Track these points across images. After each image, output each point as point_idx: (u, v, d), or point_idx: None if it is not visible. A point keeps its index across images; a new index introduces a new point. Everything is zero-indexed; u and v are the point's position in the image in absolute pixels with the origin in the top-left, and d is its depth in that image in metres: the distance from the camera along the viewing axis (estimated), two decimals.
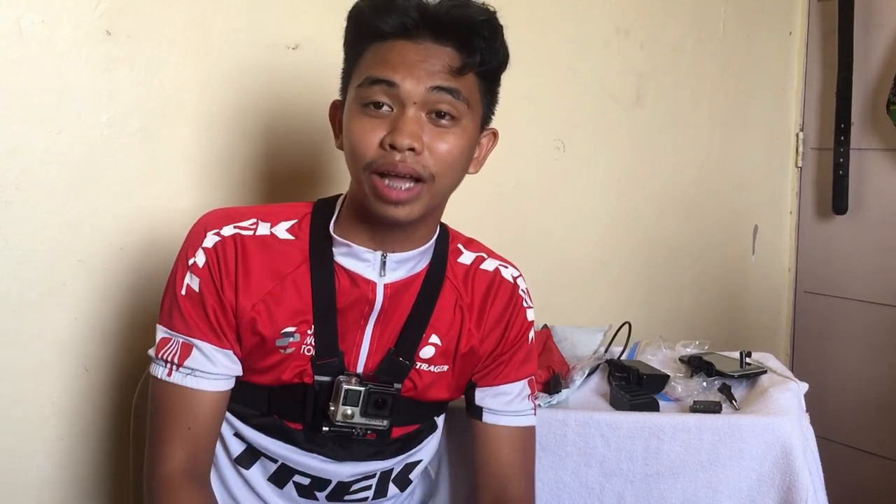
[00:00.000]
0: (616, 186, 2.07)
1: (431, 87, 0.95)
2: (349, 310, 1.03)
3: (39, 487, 1.29)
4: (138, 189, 1.32)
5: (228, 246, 1.01)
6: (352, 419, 1.01)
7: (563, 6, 1.89)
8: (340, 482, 1.08)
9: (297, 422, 1.04)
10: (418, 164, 0.95)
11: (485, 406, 1.14)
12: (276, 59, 1.43)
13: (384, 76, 0.95)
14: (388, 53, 0.96)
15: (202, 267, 1.00)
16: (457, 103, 0.97)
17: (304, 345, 1.02)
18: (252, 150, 1.44)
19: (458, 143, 0.98)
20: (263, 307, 1.01)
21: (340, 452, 1.06)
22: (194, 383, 1.00)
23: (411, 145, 0.94)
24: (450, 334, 1.09)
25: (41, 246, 1.25)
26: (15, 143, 1.21)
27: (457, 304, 1.10)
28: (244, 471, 1.08)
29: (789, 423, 1.27)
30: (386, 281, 1.04)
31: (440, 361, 1.08)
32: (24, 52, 1.20)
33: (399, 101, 0.95)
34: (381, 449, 1.09)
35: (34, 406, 1.27)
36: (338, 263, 1.03)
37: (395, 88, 0.95)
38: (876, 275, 2.38)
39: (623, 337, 1.59)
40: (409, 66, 0.95)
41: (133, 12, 1.28)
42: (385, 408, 1.02)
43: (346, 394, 1.01)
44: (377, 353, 1.06)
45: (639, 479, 1.29)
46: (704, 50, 2.22)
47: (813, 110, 2.51)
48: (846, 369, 2.45)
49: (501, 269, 1.14)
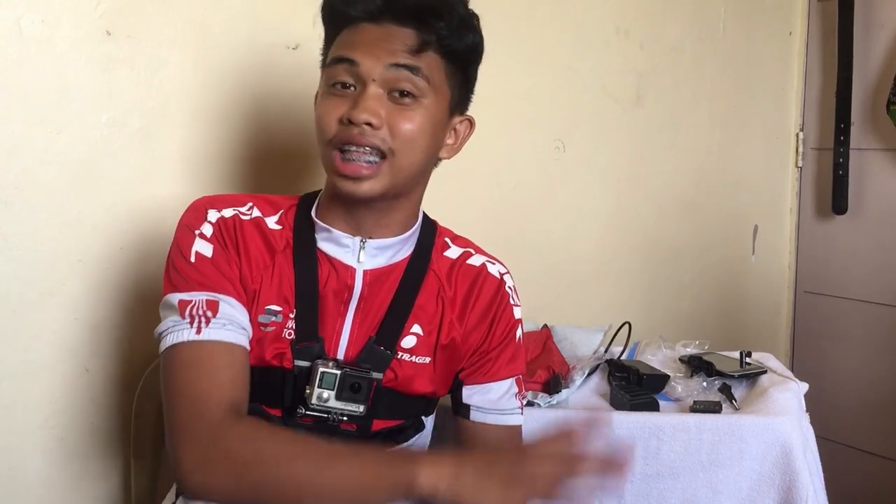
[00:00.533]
0: (616, 186, 2.07)
1: (390, 63, 0.99)
2: (330, 296, 1.05)
3: (40, 487, 1.29)
4: (138, 189, 1.32)
5: (229, 223, 1.04)
6: (327, 403, 1.01)
7: (563, 6, 1.89)
8: None
9: (275, 407, 1.04)
10: (376, 137, 0.98)
11: (472, 404, 1.13)
12: (276, 59, 1.43)
13: (346, 55, 1.00)
14: (352, 35, 1.01)
15: (210, 236, 1.02)
16: (416, 80, 1.00)
17: (285, 328, 1.03)
18: (252, 150, 1.44)
19: (419, 121, 1.00)
20: (260, 280, 1.03)
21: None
22: (230, 336, 0.97)
23: (368, 120, 0.97)
24: (431, 325, 1.09)
25: (41, 246, 1.24)
26: (15, 143, 1.21)
27: (439, 295, 1.10)
28: None
29: (789, 423, 1.27)
30: (365, 267, 1.06)
31: (422, 352, 1.08)
32: (24, 52, 1.20)
33: (360, 79, 0.99)
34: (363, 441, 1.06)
35: (34, 406, 1.27)
36: (320, 249, 1.06)
37: (356, 66, 0.99)
38: (876, 275, 2.38)
39: (623, 337, 1.59)
40: (369, 44, 0.99)
41: (133, 12, 1.28)
42: (360, 392, 1.02)
43: (322, 376, 1.01)
44: (358, 340, 1.06)
45: (639, 479, 1.29)
46: (704, 50, 2.22)
47: (813, 110, 2.51)
48: (846, 369, 2.45)
49: (488, 264, 1.15)
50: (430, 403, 1.15)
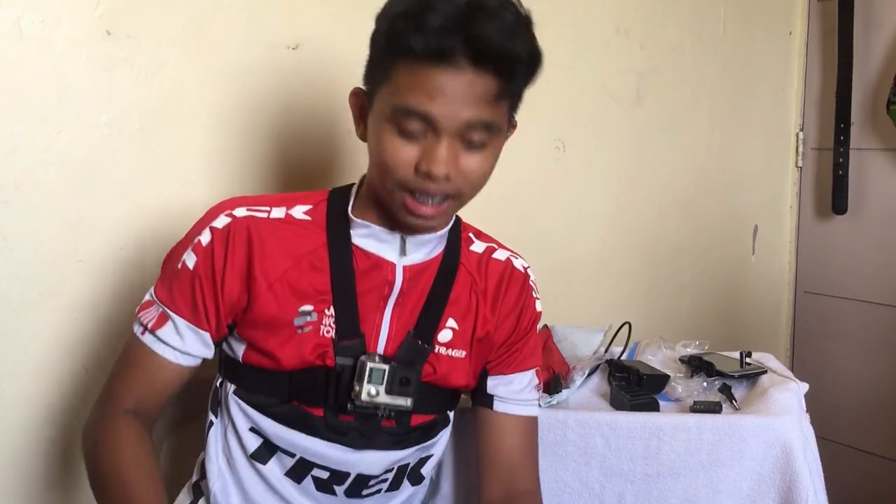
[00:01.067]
0: (616, 186, 2.07)
1: (467, 121, 0.95)
2: (369, 291, 1.05)
3: (39, 487, 1.29)
4: (138, 189, 1.32)
5: (239, 228, 1.02)
6: (376, 398, 1.01)
7: (563, 6, 1.89)
8: (360, 475, 1.08)
9: (318, 406, 1.04)
10: (450, 186, 0.98)
11: (496, 394, 1.16)
12: (276, 59, 1.43)
13: (421, 109, 0.93)
14: (424, 80, 0.92)
15: (205, 246, 1.02)
16: (491, 132, 0.98)
17: (322, 325, 1.03)
18: (252, 150, 1.44)
19: (488, 162, 1.00)
20: (280, 287, 1.02)
21: (361, 441, 1.05)
22: (160, 350, 1.03)
23: (446, 174, 0.95)
24: (466, 319, 1.10)
25: (41, 246, 1.24)
26: (15, 143, 1.21)
27: (472, 289, 1.12)
28: (261, 466, 1.06)
29: (789, 423, 1.27)
30: (406, 262, 1.06)
31: (458, 346, 1.10)
32: (24, 52, 1.20)
33: (434, 129, 0.95)
34: (401, 438, 1.08)
35: (34, 406, 1.27)
36: (356, 245, 1.05)
37: (433, 121, 0.94)
38: (876, 275, 2.38)
39: (623, 337, 1.59)
40: (447, 98, 0.93)
41: (133, 12, 1.28)
42: (409, 386, 1.03)
43: (371, 372, 1.01)
44: (397, 336, 1.06)
45: (639, 479, 1.29)
46: (704, 50, 2.22)
47: (813, 110, 2.51)
48: (846, 369, 2.45)
49: (512, 259, 1.17)
50: (458, 396, 1.16)
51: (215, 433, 1.10)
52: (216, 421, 1.10)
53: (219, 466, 1.09)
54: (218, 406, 1.11)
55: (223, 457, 1.09)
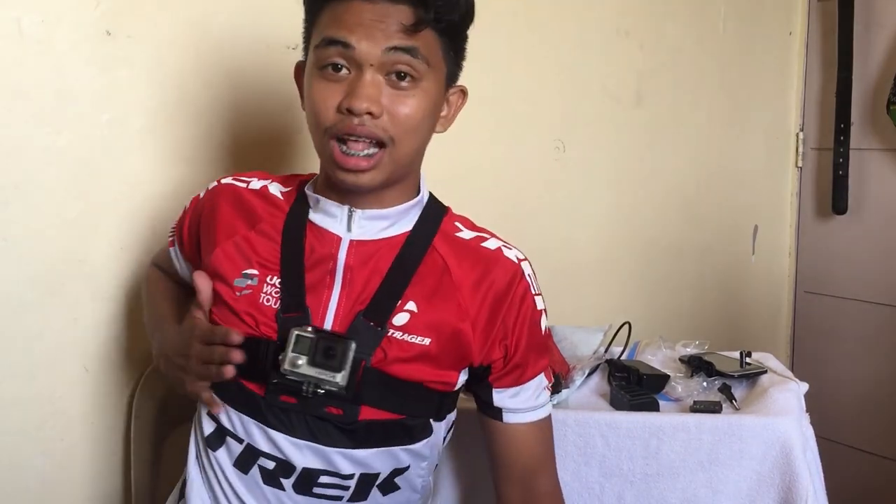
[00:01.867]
0: (616, 186, 2.07)
1: (388, 47, 0.94)
2: (315, 266, 1.03)
3: (39, 488, 1.29)
4: (138, 189, 1.32)
5: (217, 190, 1.12)
6: (299, 369, 0.96)
7: (563, 6, 1.89)
8: (306, 469, 1.01)
9: (255, 380, 1.00)
10: (377, 127, 0.95)
11: (504, 407, 1.09)
12: (276, 59, 1.43)
13: (339, 37, 0.95)
14: (343, 13, 0.95)
15: (197, 200, 1.15)
16: (415, 62, 0.96)
17: (262, 293, 1.02)
18: (252, 150, 1.44)
19: (420, 105, 0.97)
20: (231, 247, 1.05)
21: (306, 432, 1.00)
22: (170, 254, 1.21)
23: (369, 109, 0.94)
24: (432, 304, 1.02)
25: (41, 246, 1.25)
26: (15, 143, 1.21)
27: (444, 274, 1.04)
28: (212, 453, 1.05)
29: (789, 423, 1.27)
30: (353, 237, 1.03)
31: (418, 331, 1.01)
32: (24, 52, 1.20)
33: (356, 63, 0.95)
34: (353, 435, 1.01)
35: (34, 406, 1.27)
36: (310, 221, 1.05)
37: (351, 50, 0.94)
38: (876, 275, 2.38)
39: (623, 337, 1.59)
40: (364, 26, 0.94)
41: (133, 12, 1.28)
42: (334, 358, 0.96)
43: (297, 340, 0.96)
44: (346, 315, 1.01)
45: (639, 478, 1.29)
46: (704, 50, 2.23)
47: (813, 110, 2.51)
48: (846, 369, 2.45)
49: (504, 249, 1.09)
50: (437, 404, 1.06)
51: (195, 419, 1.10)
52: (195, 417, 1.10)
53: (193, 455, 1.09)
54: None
55: (194, 442, 1.09)
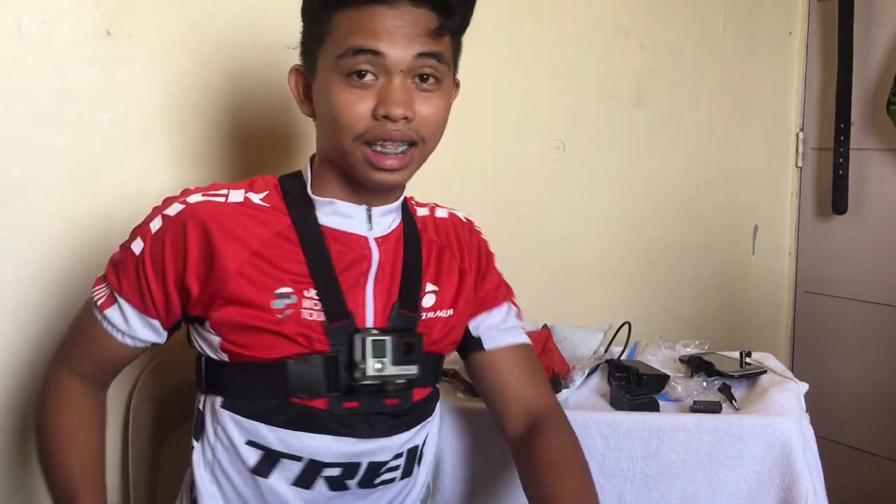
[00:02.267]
0: (616, 186, 2.07)
1: (417, 53, 0.95)
2: (347, 269, 1.02)
3: (39, 488, 1.29)
4: (138, 189, 1.32)
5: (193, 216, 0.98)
6: (383, 371, 0.99)
7: (563, 6, 1.89)
8: (372, 463, 1.04)
9: (320, 397, 1.00)
10: (411, 129, 0.97)
11: (481, 334, 1.15)
12: (276, 58, 1.43)
13: (369, 46, 0.94)
14: (367, 21, 0.95)
15: (154, 234, 0.99)
16: (440, 66, 0.98)
17: (304, 309, 0.99)
18: (252, 150, 1.44)
19: (444, 104, 1.00)
20: (250, 269, 0.98)
21: (368, 430, 1.02)
22: (108, 328, 1.03)
23: (405, 114, 0.95)
24: (442, 278, 1.10)
25: (41, 246, 1.24)
26: (15, 143, 1.21)
27: (436, 249, 1.12)
28: (262, 480, 1.01)
29: (789, 423, 1.27)
30: (375, 235, 1.05)
31: (443, 306, 1.09)
32: (24, 52, 1.20)
33: (384, 69, 0.95)
34: (405, 419, 1.06)
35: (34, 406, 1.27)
36: (324, 225, 1.03)
37: (381, 58, 0.94)
38: (876, 275, 2.38)
39: (623, 337, 1.59)
40: (391, 33, 0.94)
41: (133, 12, 1.28)
42: (414, 352, 1.01)
43: (374, 345, 0.99)
44: (382, 310, 1.04)
45: (639, 478, 1.29)
46: (704, 50, 2.22)
47: (813, 110, 2.51)
48: (846, 369, 2.45)
49: (454, 212, 1.19)
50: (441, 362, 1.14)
51: (199, 457, 1.05)
52: (197, 445, 1.06)
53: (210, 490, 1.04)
54: (202, 429, 1.06)
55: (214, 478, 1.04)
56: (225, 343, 1.00)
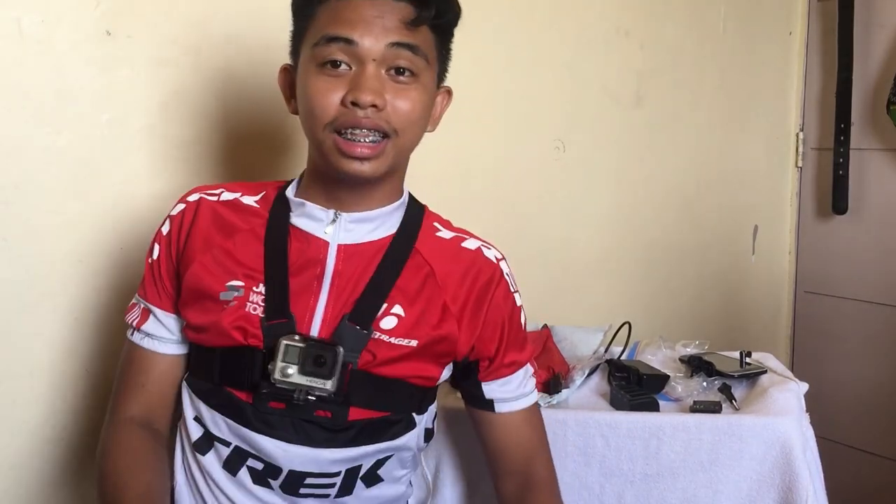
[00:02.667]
0: (616, 186, 2.07)
1: (390, 42, 0.96)
2: (301, 271, 1.02)
3: (39, 488, 1.29)
4: (138, 189, 1.32)
5: (189, 210, 1.07)
6: (290, 378, 0.97)
7: (563, 6, 1.89)
8: (292, 471, 1.01)
9: (245, 390, 1.00)
10: (381, 118, 0.96)
11: (496, 398, 1.12)
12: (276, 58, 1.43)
13: (341, 34, 0.95)
14: (343, 11, 0.96)
15: (165, 235, 1.08)
16: (415, 59, 0.98)
17: (249, 302, 1.01)
18: (252, 150, 1.44)
19: (420, 99, 0.99)
20: (210, 259, 1.03)
21: (293, 434, 1.00)
22: (149, 345, 1.07)
23: (374, 101, 0.94)
24: (416, 307, 1.03)
25: (41, 246, 1.24)
26: (15, 143, 1.21)
27: (427, 277, 1.05)
28: (200, 457, 1.04)
29: (789, 423, 1.27)
30: (340, 241, 1.03)
31: (405, 335, 1.02)
32: (24, 52, 1.20)
33: (357, 58, 0.96)
34: (340, 434, 1.01)
35: (34, 406, 1.27)
36: (293, 225, 1.05)
37: (354, 46, 0.95)
38: (876, 275, 2.38)
39: (623, 337, 1.59)
40: (366, 22, 0.95)
41: (133, 12, 1.28)
42: (324, 366, 0.97)
43: (286, 350, 0.97)
44: (333, 319, 1.01)
45: (639, 479, 1.29)
46: (704, 50, 2.23)
47: (813, 110, 2.51)
48: (846, 369, 2.45)
49: (484, 249, 1.11)
50: (419, 398, 1.08)
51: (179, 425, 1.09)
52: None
53: (179, 461, 1.08)
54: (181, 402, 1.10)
55: (180, 448, 1.09)
56: (185, 327, 1.06)
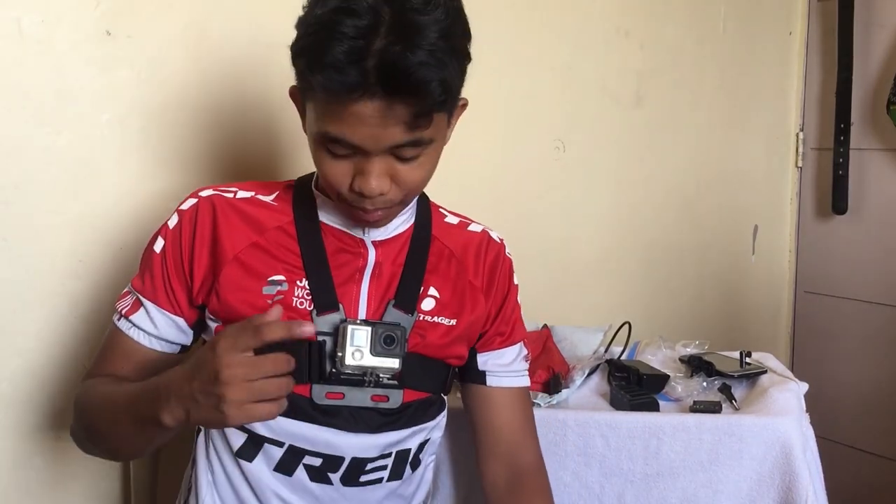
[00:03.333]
0: (616, 186, 2.07)
1: (393, 145, 0.92)
2: (343, 265, 1.04)
3: (39, 488, 1.29)
4: (138, 189, 1.32)
5: (204, 205, 1.04)
6: (361, 361, 0.96)
7: (563, 6, 1.89)
8: (355, 458, 1.04)
9: (302, 383, 0.99)
10: (391, 195, 0.96)
11: (488, 370, 1.15)
12: (276, 59, 1.43)
13: (343, 138, 0.91)
14: (339, 110, 0.89)
15: (172, 229, 1.05)
16: (421, 148, 0.94)
17: (295, 297, 1.01)
18: (252, 150, 1.44)
19: (430, 164, 0.98)
20: (247, 257, 1.02)
21: (352, 423, 1.02)
22: (135, 335, 1.05)
23: (381, 191, 0.95)
24: (446, 287, 1.10)
25: (41, 246, 1.24)
26: (15, 143, 1.21)
27: (450, 258, 1.12)
28: (247, 464, 1.03)
29: (789, 423, 1.27)
30: (374, 237, 1.06)
31: (446, 314, 1.08)
32: (24, 52, 1.20)
33: (361, 151, 0.92)
34: (395, 418, 1.05)
35: (33, 406, 1.27)
36: (323, 222, 1.06)
37: (355, 147, 0.92)
38: (876, 275, 2.38)
39: (623, 337, 1.59)
40: (366, 125, 0.89)
41: (133, 12, 1.28)
42: (395, 344, 0.97)
43: (353, 334, 0.96)
44: (378, 306, 1.05)
45: (639, 478, 1.29)
46: (704, 50, 2.22)
47: (813, 110, 2.51)
48: (846, 369, 2.45)
49: (488, 231, 1.18)
50: (449, 377, 1.13)
51: (202, 440, 1.07)
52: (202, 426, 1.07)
53: (208, 478, 1.06)
54: None
55: (207, 460, 1.06)
56: (219, 328, 1.03)
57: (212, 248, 1.03)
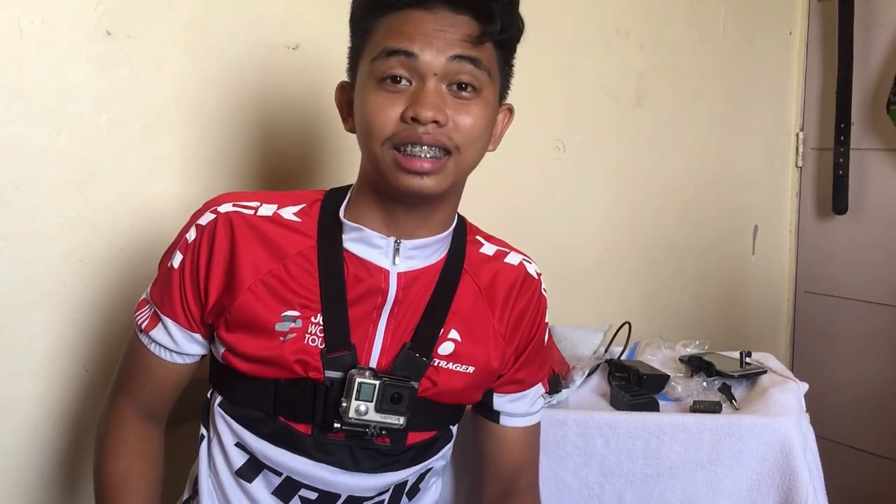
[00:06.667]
0: (616, 186, 2.07)
1: (452, 56, 0.92)
2: (361, 300, 0.99)
3: (39, 488, 1.29)
4: (138, 189, 1.32)
5: (222, 224, 0.99)
6: (365, 416, 0.95)
7: (563, 6, 1.89)
8: (351, 497, 1.02)
9: (305, 423, 0.98)
10: (443, 135, 0.92)
11: (503, 411, 1.12)
12: (276, 58, 1.43)
13: (402, 47, 0.91)
14: (403, 24, 0.92)
15: (189, 244, 1.00)
16: (478, 73, 0.93)
17: (308, 333, 0.97)
18: (252, 150, 1.44)
19: (482, 115, 0.95)
20: (262, 287, 0.97)
21: (350, 462, 1.00)
22: (156, 350, 1.03)
23: (435, 117, 0.90)
24: (471, 331, 1.03)
25: (41, 246, 1.24)
26: (15, 143, 1.21)
27: (478, 298, 1.05)
28: (246, 484, 1.01)
29: (789, 422, 1.27)
30: (399, 270, 0.99)
31: (463, 360, 1.02)
32: (24, 52, 1.20)
33: (418, 73, 0.92)
34: (395, 459, 1.02)
35: (34, 406, 1.27)
36: (347, 251, 0.99)
37: (414, 59, 0.91)
38: (876, 275, 2.38)
39: (623, 337, 1.59)
40: (427, 35, 0.91)
41: (133, 12, 1.28)
42: (401, 403, 0.96)
43: (360, 388, 0.94)
44: (392, 348, 1.00)
45: (639, 478, 1.29)
46: (704, 50, 2.23)
47: (813, 110, 2.51)
48: (846, 369, 2.45)
49: (525, 264, 1.12)
50: (460, 411, 1.10)
51: (205, 448, 1.06)
52: (206, 434, 1.06)
53: (209, 486, 1.05)
54: (208, 419, 1.06)
55: (212, 473, 1.05)
56: (227, 354, 1.00)
57: (228, 271, 0.98)
